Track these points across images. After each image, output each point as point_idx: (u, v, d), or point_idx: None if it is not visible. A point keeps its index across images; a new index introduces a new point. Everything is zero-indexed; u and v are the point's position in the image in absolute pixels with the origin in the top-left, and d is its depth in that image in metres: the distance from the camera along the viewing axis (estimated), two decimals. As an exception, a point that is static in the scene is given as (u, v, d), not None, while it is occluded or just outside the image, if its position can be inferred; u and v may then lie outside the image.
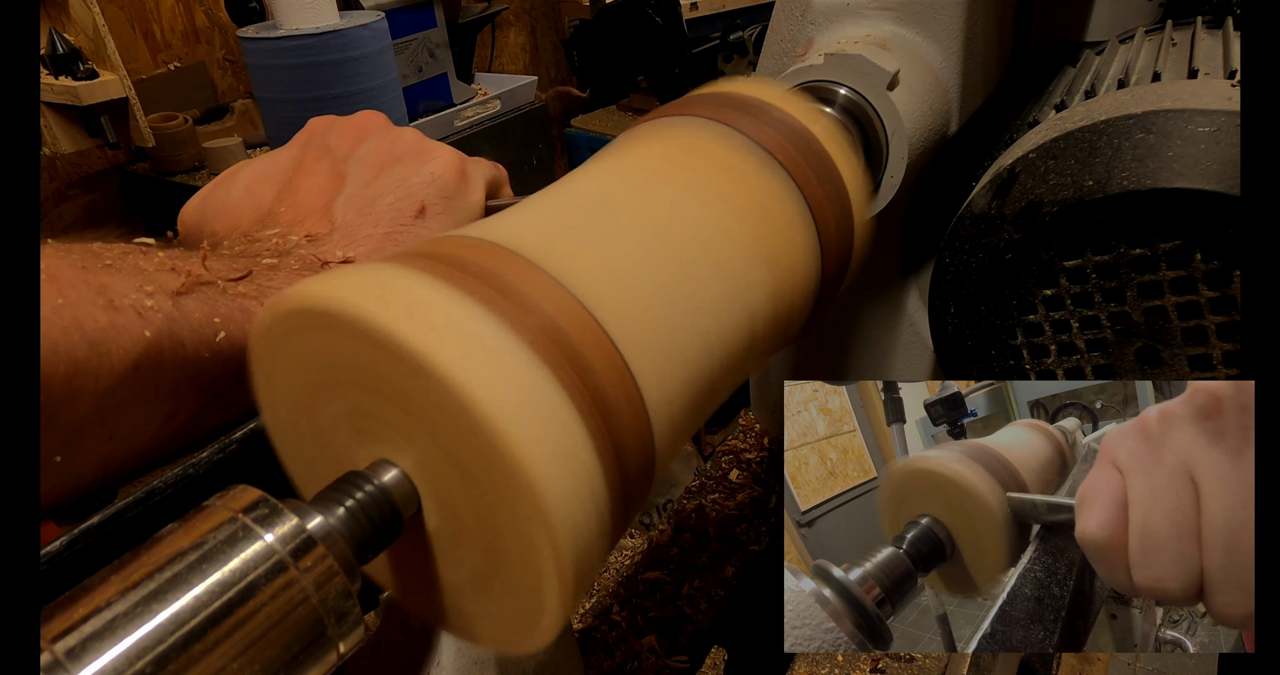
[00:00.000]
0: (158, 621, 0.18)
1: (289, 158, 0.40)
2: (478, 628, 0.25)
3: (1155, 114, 0.38)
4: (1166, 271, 0.37)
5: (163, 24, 1.88)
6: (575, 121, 2.51)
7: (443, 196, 0.38)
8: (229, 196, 0.39)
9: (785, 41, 0.53)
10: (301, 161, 0.39)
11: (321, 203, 0.37)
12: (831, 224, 0.34)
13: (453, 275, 0.23)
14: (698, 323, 0.28)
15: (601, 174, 0.31)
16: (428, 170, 0.38)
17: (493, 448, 0.21)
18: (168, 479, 0.30)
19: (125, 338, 0.26)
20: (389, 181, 0.37)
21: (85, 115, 1.37)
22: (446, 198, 0.38)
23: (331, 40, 1.45)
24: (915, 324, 0.60)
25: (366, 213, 0.36)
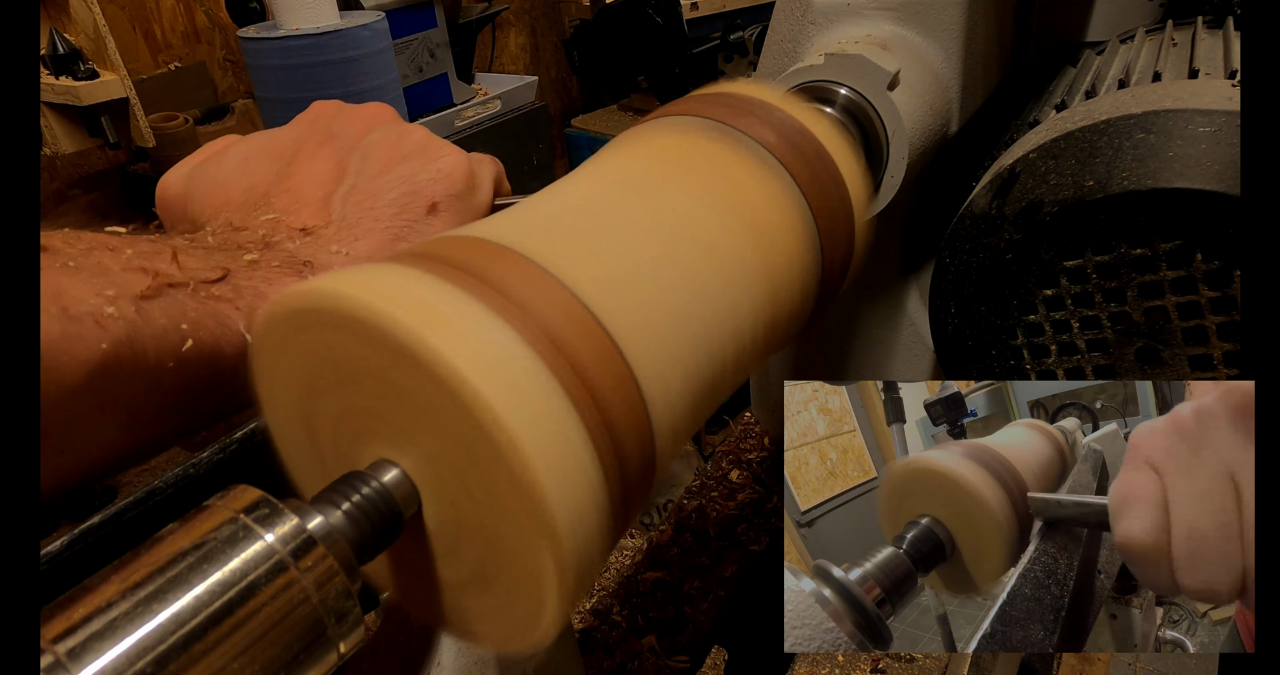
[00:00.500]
0: (158, 621, 0.18)
1: (290, 138, 0.38)
2: (478, 628, 0.25)
3: (1156, 114, 0.38)
4: (1167, 271, 0.37)
5: (163, 24, 1.88)
6: (575, 121, 2.51)
7: (450, 195, 0.37)
8: (220, 170, 0.37)
9: (785, 41, 0.53)
10: (303, 144, 0.37)
11: (321, 192, 0.35)
12: (832, 224, 0.34)
13: (453, 275, 0.23)
14: (698, 323, 0.28)
15: (602, 174, 0.31)
16: (435, 168, 0.37)
17: (493, 448, 0.21)
18: (168, 479, 0.30)
19: (80, 349, 0.24)
20: (395, 177, 0.36)
21: (85, 115, 1.38)
22: (454, 197, 0.37)
23: (331, 40, 1.45)
24: (915, 324, 0.60)
25: (368, 207, 0.35)
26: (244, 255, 0.31)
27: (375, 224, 0.35)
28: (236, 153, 0.37)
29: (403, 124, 0.40)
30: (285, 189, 0.35)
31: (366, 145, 0.38)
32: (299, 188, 0.35)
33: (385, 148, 0.38)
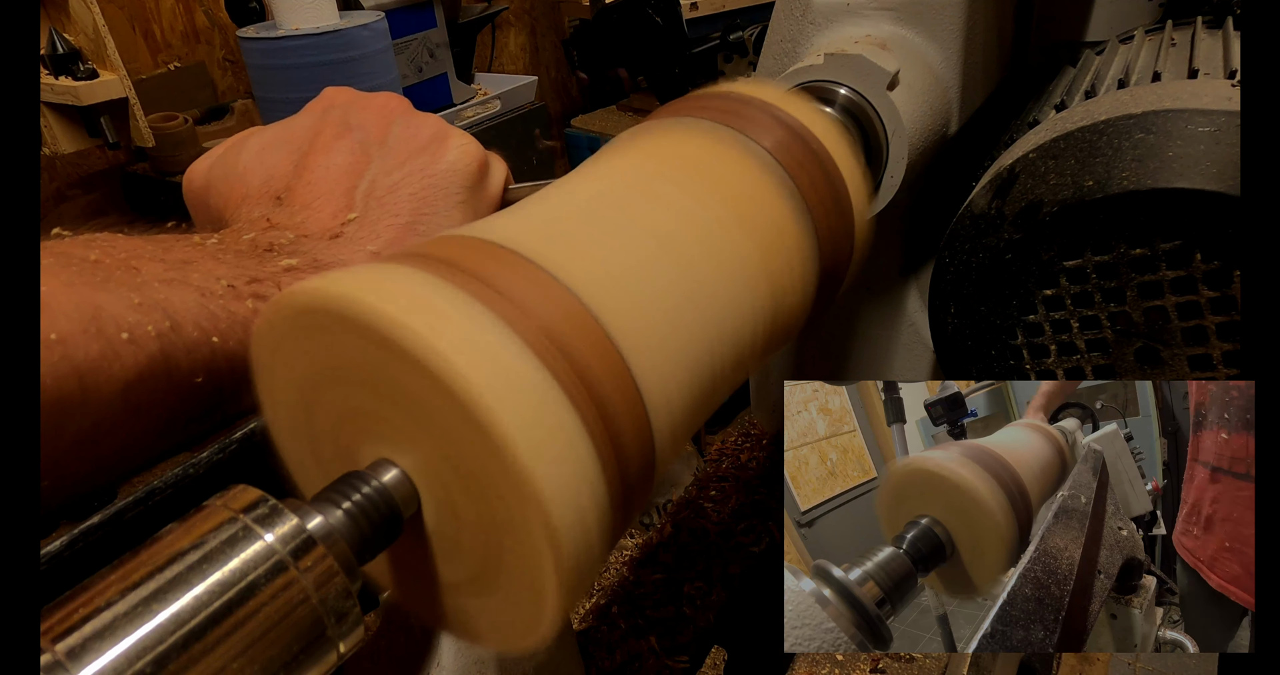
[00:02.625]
0: (158, 621, 0.18)
1: (304, 127, 0.38)
2: (478, 628, 0.25)
3: (1155, 114, 0.38)
4: (1166, 271, 0.37)
5: (163, 24, 1.88)
6: (575, 121, 2.51)
7: (465, 186, 0.37)
8: (238, 162, 0.37)
9: (785, 41, 0.53)
10: (319, 133, 0.37)
11: (342, 186, 0.35)
12: (831, 224, 0.34)
13: (453, 275, 0.23)
14: (697, 322, 0.28)
15: (601, 174, 0.31)
16: (450, 159, 0.37)
17: (492, 448, 0.21)
18: (168, 479, 0.30)
19: (116, 367, 0.24)
20: (412, 169, 0.36)
21: (85, 115, 1.37)
22: (468, 188, 0.37)
23: (331, 40, 1.45)
24: (915, 324, 0.60)
25: (387, 203, 0.35)
26: (279, 260, 0.31)
27: (395, 219, 0.35)
28: (252, 144, 0.37)
29: (417, 114, 0.40)
30: (305, 182, 0.35)
31: (392, 140, 0.38)
32: (318, 181, 0.35)
33: (405, 140, 0.37)
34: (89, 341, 0.24)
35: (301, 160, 0.36)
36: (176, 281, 0.27)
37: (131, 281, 0.26)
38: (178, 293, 0.27)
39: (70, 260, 0.26)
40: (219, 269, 0.29)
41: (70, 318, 0.24)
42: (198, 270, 0.29)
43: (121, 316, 0.25)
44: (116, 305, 0.25)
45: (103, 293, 0.25)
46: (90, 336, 0.24)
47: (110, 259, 0.27)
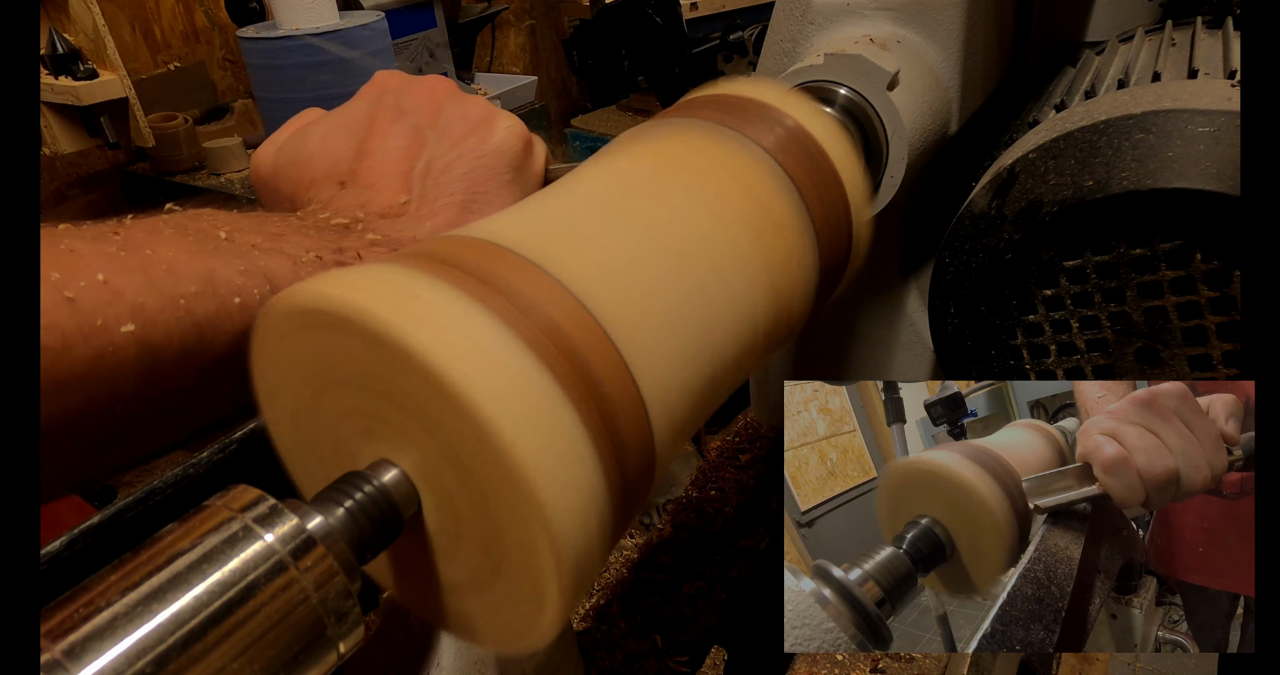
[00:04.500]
0: (158, 621, 0.18)
1: (361, 113, 0.40)
2: (478, 628, 0.25)
3: (1155, 114, 0.38)
4: (1166, 271, 0.37)
5: (163, 24, 1.88)
6: (575, 121, 2.51)
7: (512, 166, 0.39)
8: (303, 148, 0.39)
9: (785, 41, 0.53)
10: (376, 119, 0.39)
11: (400, 168, 0.37)
12: (831, 224, 0.34)
13: (453, 276, 0.23)
14: (698, 323, 0.28)
15: (601, 174, 0.31)
16: (498, 139, 0.39)
17: (492, 448, 0.21)
18: (168, 479, 0.30)
19: (227, 324, 0.27)
20: (463, 150, 0.38)
21: (85, 115, 1.37)
22: (515, 167, 0.39)
23: (331, 40, 1.45)
24: (915, 324, 0.60)
25: (443, 183, 0.37)
26: (364, 234, 0.34)
27: (451, 198, 0.37)
28: (316, 131, 0.40)
29: (464, 96, 0.41)
30: (366, 166, 0.37)
31: (443, 122, 0.39)
32: (379, 165, 0.37)
33: (455, 122, 0.39)
34: (206, 301, 0.27)
35: (361, 146, 0.38)
36: (273, 251, 0.30)
37: (236, 250, 0.29)
38: (275, 261, 0.30)
39: (185, 231, 0.29)
40: (305, 241, 0.32)
41: (193, 280, 0.27)
42: (289, 242, 0.31)
43: (231, 281, 0.28)
44: (226, 271, 0.28)
45: (215, 259, 0.28)
46: (207, 297, 0.27)
47: (217, 230, 0.29)
